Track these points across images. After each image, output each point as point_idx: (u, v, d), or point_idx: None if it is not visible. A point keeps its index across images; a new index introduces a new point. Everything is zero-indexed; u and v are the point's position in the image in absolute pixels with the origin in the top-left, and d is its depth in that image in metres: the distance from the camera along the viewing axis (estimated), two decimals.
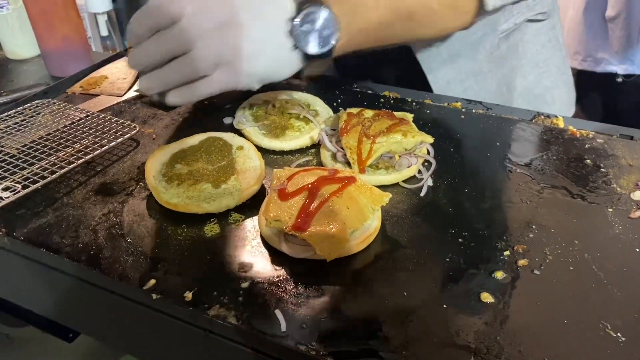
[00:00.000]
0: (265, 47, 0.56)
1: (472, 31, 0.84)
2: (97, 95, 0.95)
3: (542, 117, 0.84)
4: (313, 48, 0.58)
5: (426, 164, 0.73)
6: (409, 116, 0.77)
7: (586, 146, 0.77)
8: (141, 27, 0.54)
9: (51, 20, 1.03)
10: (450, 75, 0.91)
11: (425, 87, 0.93)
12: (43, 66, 1.12)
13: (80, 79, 0.99)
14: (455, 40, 0.88)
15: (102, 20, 1.31)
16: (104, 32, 1.33)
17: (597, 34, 1.65)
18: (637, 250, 0.59)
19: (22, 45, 1.18)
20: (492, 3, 0.68)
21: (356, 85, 0.97)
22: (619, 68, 1.63)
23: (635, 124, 1.59)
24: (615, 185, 0.69)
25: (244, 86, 0.59)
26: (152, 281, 0.56)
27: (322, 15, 0.58)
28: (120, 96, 0.94)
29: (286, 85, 0.96)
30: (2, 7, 1.13)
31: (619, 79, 1.66)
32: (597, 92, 1.81)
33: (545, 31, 0.98)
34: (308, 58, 0.59)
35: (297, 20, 0.57)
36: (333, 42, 0.59)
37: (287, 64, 0.58)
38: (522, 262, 0.57)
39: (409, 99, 0.91)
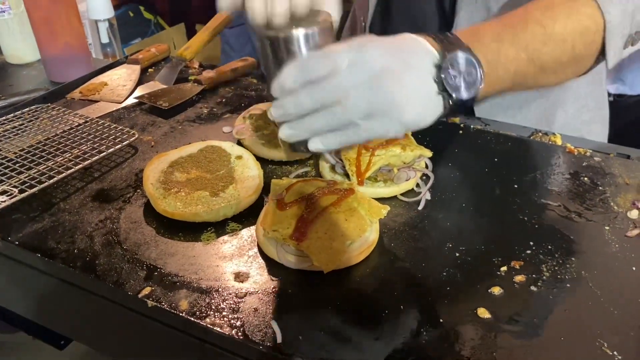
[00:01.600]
0: (417, 95, 0.55)
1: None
2: (97, 101, 0.95)
3: (540, 134, 0.85)
4: (459, 92, 0.58)
5: (424, 177, 0.73)
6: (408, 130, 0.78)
7: (584, 164, 0.77)
8: (294, 81, 0.54)
9: (53, 27, 1.03)
10: (495, 101, 0.91)
11: (468, 110, 0.92)
12: (43, 71, 1.12)
13: (80, 84, 0.99)
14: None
15: (103, 27, 1.32)
16: (105, 39, 1.33)
17: None
18: (634, 269, 0.59)
19: (23, 49, 1.18)
20: (612, 61, 0.68)
21: None
22: (611, 87, 1.65)
23: (628, 143, 1.60)
24: (612, 204, 0.69)
25: (393, 134, 0.56)
26: (148, 289, 0.56)
27: (469, 61, 0.58)
28: (120, 103, 0.94)
29: None
30: (4, 12, 1.13)
31: (611, 98, 1.67)
32: None
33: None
34: (452, 102, 0.58)
35: (445, 64, 0.56)
36: (479, 86, 0.59)
37: (434, 110, 0.57)
38: (518, 278, 0.57)
39: None
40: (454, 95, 0.57)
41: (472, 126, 0.87)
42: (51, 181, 0.69)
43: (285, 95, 0.55)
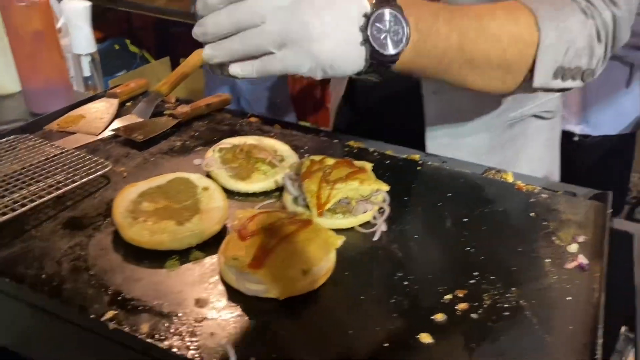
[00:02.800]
0: (335, 32, 0.56)
1: (485, 110, 0.89)
2: (74, 133, 0.98)
3: (493, 171, 0.90)
4: (384, 47, 0.59)
5: (382, 210, 0.78)
6: (368, 165, 0.82)
7: (531, 200, 0.83)
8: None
9: (35, 61, 1.08)
10: (448, 143, 0.95)
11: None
12: (24, 102, 1.16)
13: (59, 116, 1.03)
14: (466, 112, 0.92)
15: (86, 61, 1.36)
16: (87, 72, 1.38)
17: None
18: (568, 298, 0.63)
19: (5, 81, 1.22)
20: (538, 81, 0.71)
21: (323, 134, 1.02)
22: (576, 128, 1.73)
23: (592, 180, 1.68)
24: (554, 238, 0.74)
25: (307, 71, 0.56)
26: (111, 312, 0.59)
27: (399, 20, 0.59)
28: (96, 135, 0.97)
29: (257, 131, 1.01)
30: None
31: (576, 138, 1.75)
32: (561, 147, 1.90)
33: (546, 130, 1.02)
34: (373, 59, 0.59)
35: (374, 16, 0.58)
36: (402, 47, 0.60)
37: (353, 58, 0.58)
38: (461, 306, 0.61)
39: (371, 149, 0.96)
40: (377, 49, 0.59)
41: (429, 163, 0.92)
42: (24, 209, 0.72)
43: (207, 13, 0.56)
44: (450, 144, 0.97)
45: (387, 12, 0.59)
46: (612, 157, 1.77)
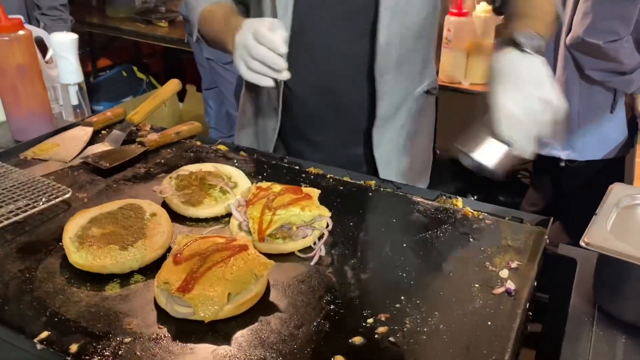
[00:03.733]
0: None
1: (404, 87, 1.09)
2: (46, 160, 1.03)
3: (444, 197, 0.92)
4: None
5: (322, 235, 0.80)
6: (316, 192, 0.85)
7: (474, 226, 0.84)
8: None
9: (18, 93, 1.13)
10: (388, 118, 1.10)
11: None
12: (8, 130, 1.22)
13: (34, 144, 1.08)
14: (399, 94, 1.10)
15: (73, 90, 1.42)
16: (75, 101, 1.43)
17: None
18: (489, 323, 0.65)
19: None
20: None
21: (286, 160, 1.05)
22: (562, 153, 1.73)
23: (578, 205, 1.68)
24: (488, 263, 0.75)
25: None
26: (46, 333, 0.62)
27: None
28: (66, 162, 1.02)
29: (221, 158, 1.05)
30: None
31: (562, 163, 1.75)
32: (547, 173, 1.90)
33: (432, 104, 1.24)
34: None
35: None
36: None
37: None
38: (381, 330, 0.63)
39: (328, 175, 0.99)
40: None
41: (382, 189, 0.95)
42: None
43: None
44: (391, 117, 1.11)
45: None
46: (600, 181, 1.76)
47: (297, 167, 1.03)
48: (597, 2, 1.49)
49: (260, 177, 0.98)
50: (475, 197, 2.73)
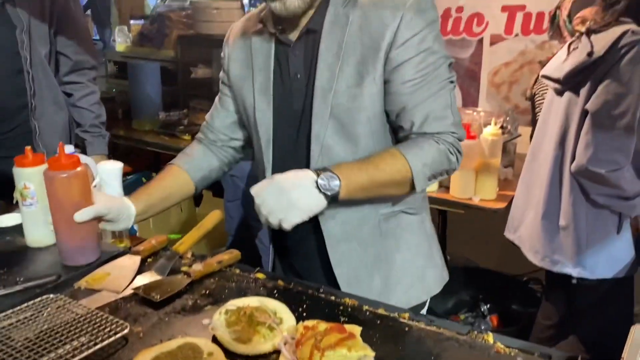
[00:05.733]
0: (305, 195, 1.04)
1: (364, 208, 1.19)
2: (99, 290, 1.11)
3: (475, 332, 0.98)
4: (330, 191, 1.04)
5: None
6: (357, 329, 0.92)
7: None
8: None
9: (71, 224, 1.22)
10: (344, 238, 1.21)
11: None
12: (56, 254, 1.29)
13: (87, 273, 1.16)
14: (351, 212, 1.20)
15: None
16: None
17: (553, 238, 1.85)
18: None
19: (43, 235, 1.37)
20: (419, 187, 1.12)
21: (322, 290, 1.13)
22: (573, 271, 1.80)
23: (590, 323, 1.73)
24: None
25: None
26: None
27: (332, 176, 1.05)
28: (119, 293, 1.10)
29: (262, 288, 1.12)
30: (32, 205, 1.34)
31: (574, 281, 1.81)
32: (559, 290, 1.95)
33: (416, 223, 1.28)
34: (326, 199, 1.05)
35: (321, 180, 1.04)
36: (339, 189, 1.05)
37: (317, 203, 1.05)
38: None
39: (364, 308, 1.06)
40: (328, 193, 1.04)
41: (417, 321, 1.01)
42: None
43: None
44: (346, 238, 1.21)
45: (326, 175, 1.05)
46: (611, 299, 1.81)
47: (332, 298, 1.10)
48: (598, 135, 1.64)
49: (300, 309, 1.05)
50: (488, 306, 2.78)
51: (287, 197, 1.03)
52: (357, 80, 1.12)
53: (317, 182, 1.04)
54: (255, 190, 1.07)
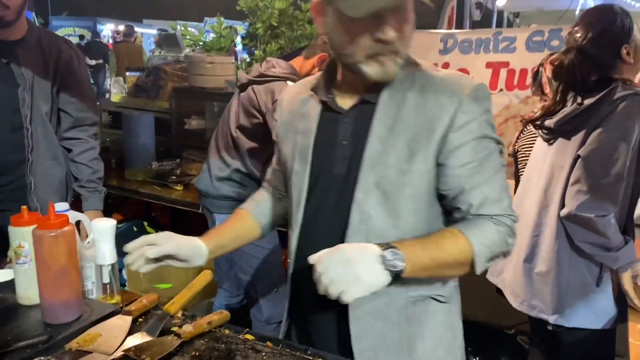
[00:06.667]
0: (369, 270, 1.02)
1: (392, 289, 1.13)
2: (90, 352, 1.12)
3: None
4: (395, 268, 1.03)
5: None
6: None
7: None
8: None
9: (56, 283, 1.25)
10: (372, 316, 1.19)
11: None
12: (39, 312, 1.30)
13: (77, 334, 1.18)
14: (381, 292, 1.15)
15: (107, 270, 1.54)
16: (106, 280, 1.55)
17: (532, 283, 1.88)
18: None
19: (29, 293, 1.38)
20: (479, 269, 1.13)
21: (310, 352, 1.15)
22: (550, 317, 1.82)
23: None
24: None
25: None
26: None
27: (396, 254, 1.04)
28: (110, 354, 1.11)
29: (250, 350, 1.14)
30: (25, 263, 1.37)
31: (550, 327, 1.83)
32: (540, 336, 1.97)
33: (443, 313, 1.25)
34: (390, 275, 1.03)
35: (386, 256, 1.03)
36: (403, 267, 1.04)
37: (381, 279, 1.02)
38: None
39: None
40: (392, 270, 1.03)
41: None
42: None
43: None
44: (371, 313, 1.20)
45: (392, 251, 1.04)
46: (590, 351, 1.82)
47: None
48: (589, 181, 1.69)
49: None
50: (478, 358, 2.77)
51: (353, 270, 1.00)
52: (407, 155, 1.14)
53: (382, 257, 1.03)
54: (316, 258, 1.04)
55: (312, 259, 1.04)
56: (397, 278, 1.04)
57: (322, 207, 1.22)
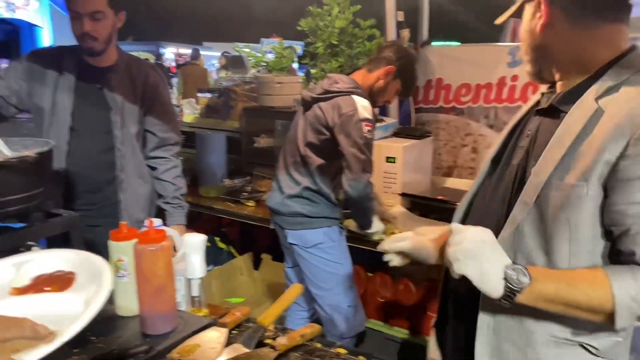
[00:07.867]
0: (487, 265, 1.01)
1: (529, 316, 1.11)
2: None
3: None
4: (514, 283, 1.00)
5: None
6: None
7: None
8: None
9: (154, 297, 1.30)
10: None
11: None
12: (137, 324, 1.36)
13: (174, 345, 1.23)
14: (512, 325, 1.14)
15: (196, 284, 1.60)
16: (195, 293, 1.61)
17: None
18: None
19: (128, 304, 1.45)
20: (620, 325, 1.00)
21: None
22: None
23: None
24: None
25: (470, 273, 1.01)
26: None
27: (523, 272, 1.01)
28: None
29: None
30: (124, 277, 1.44)
31: None
32: None
33: None
34: (508, 287, 1.00)
35: (511, 270, 1.01)
36: (526, 286, 1.00)
37: (492, 282, 1.01)
38: None
39: None
40: (509, 285, 0.99)
41: None
42: None
43: None
44: (505, 338, 1.15)
45: (519, 267, 1.02)
46: None
47: None
48: None
49: None
50: None
51: (480, 249, 1.03)
52: (569, 178, 1.05)
53: (506, 268, 1.01)
54: (459, 226, 1.08)
55: (455, 225, 1.09)
56: (510, 298, 1.01)
57: (478, 216, 1.28)
